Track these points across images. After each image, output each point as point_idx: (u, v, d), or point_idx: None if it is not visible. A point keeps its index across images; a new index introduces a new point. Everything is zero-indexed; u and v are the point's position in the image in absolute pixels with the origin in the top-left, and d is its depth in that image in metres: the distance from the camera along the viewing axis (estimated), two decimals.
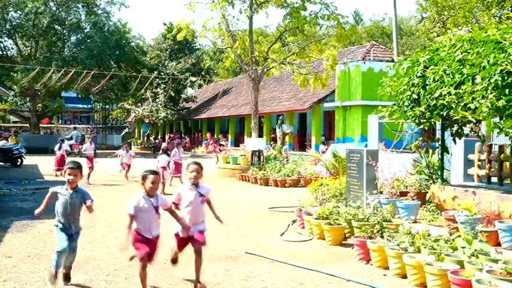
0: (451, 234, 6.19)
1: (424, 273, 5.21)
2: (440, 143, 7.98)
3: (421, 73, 7.24)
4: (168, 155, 14.93)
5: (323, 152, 23.73)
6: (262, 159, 18.73)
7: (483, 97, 5.83)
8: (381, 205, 7.91)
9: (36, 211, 5.26)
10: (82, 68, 35.91)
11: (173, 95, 43.63)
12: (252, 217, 9.83)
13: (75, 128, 54.63)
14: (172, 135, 44.11)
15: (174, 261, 5.42)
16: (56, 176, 18.29)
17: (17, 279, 5.60)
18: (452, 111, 6.64)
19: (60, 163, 17.92)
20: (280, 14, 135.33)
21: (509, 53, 5.70)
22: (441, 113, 6.92)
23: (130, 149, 17.68)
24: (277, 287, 5.40)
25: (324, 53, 22.72)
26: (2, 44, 38.61)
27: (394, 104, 7.97)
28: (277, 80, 37.81)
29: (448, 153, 8.33)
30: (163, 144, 16.64)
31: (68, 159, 14.32)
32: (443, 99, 6.66)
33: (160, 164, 14.49)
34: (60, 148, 18.59)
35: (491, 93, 5.70)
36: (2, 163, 22.27)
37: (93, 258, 6.52)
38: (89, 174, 15.59)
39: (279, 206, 11.09)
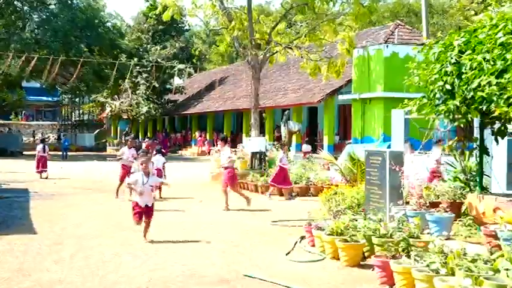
0: (491, 253, 6.18)
1: None
2: (478, 143, 7.97)
3: (455, 59, 7.24)
4: (163, 155, 15.47)
5: (306, 154, 23.71)
6: (263, 163, 18.73)
7: None
8: (407, 218, 7.91)
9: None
10: (47, 52, 35.95)
11: (157, 85, 43.68)
12: (251, 232, 9.83)
13: (39, 126, 54.74)
14: (155, 139, 44.03)
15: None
16: (41, 178, 19.51)
17: None
18: (493, 105, 6.64)
19: (43, 165, 20.05)
20: None
21: None
22: (480, 107, 6.91)
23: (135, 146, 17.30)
24: None
25: (339, 34, 22.72)
26: None
27: (423, 97, 7.96)
28: (282, 68, 37.78)
29: (488, 156, 8.33)
30: (144, 144, 16.77)
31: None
32: (483, 91, 6.66)
33: (155, 165, 14.95)
34: (44, 149, 20.46)
35: None
36: None
37: (59, 282, 6.53)
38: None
39: (284, 219, 11.08)
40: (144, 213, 8.82)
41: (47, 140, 29.81)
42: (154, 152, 16.09)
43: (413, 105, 8.12)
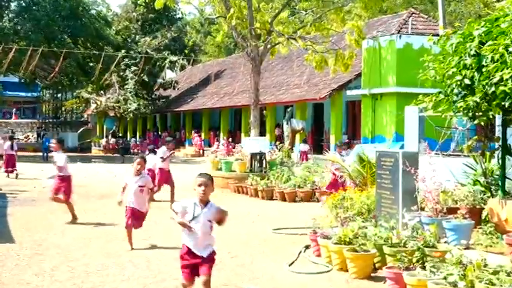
0: None
1: None
2: (500, 143, 7.97)
3: (475, 51, 7.24)
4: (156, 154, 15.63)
5: (302, 153, 23.62)
6: (264, 165, 18.72)
7: None
8: (422, 225, 7.90)
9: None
10: (26, 44, 35.94)
11: (147, 80, 43.73)
12: (251, 241, 9.83)
13: (17, 124, 54.70)
14: (144, 138, 44.07)
15: None
16: (8, 177, 19.72)
17: None
18: None
19: (12, 164, 20.49)
20: None
21: None
22: (502, 103, 6.91)
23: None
24: None
25: (347, 24, 22.72)
26: None
27: (440, 92, 7.95)
28: (284, 60, 37.77)
29: None
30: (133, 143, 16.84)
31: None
32: (505, 85, 6.65)
33: (148, 166, 15.07)
34: (12, 147, 20.70)
35: None
36: None
37: None
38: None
39: (287, 227, 11.08)
40: (134, 217, 8.91)
41: (16, 138, 29.95)
42: (147, 152, 16.21)
43: (429, 101, 8.11)
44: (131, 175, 9.23)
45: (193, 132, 42.28)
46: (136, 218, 9.02)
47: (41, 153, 35.03)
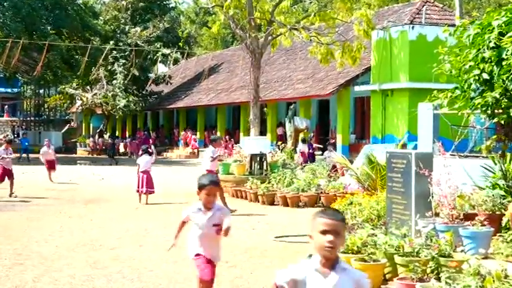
0: None
1: None
2: None
3: (494, 43, 7.24)
4: (150, 154, 15.84)
5: (302, 154, 23.46)
6: (265, 167, 18.71)
7: None
8: (437, 233, 7.90)
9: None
10: (5, 35, 35.92)
11: (137, 74, 43.67)
12: (250, 250, 9.83)
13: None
14: (133, 138, 44.02)
15: None
16: None
17: None
18: None
19: None
20: None
21: None
22: None
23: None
24: None
25: (355, 13, 22.71)
26: None
27: (456, 88, 7.97)
28: (287, 53, 37.77)
29: None
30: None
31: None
32: None
33: (141, 167, 15.45)
34: None
35: None
36: None
37: None
38: None
39: (290, 235, 11.08)
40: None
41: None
42: (140, 152, 16.22)
43: (444, 98, 8.12)
44: (195, 207, 6.60)
45: (184, 131, 42.26)
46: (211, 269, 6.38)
47: (24, 155, 34.99)
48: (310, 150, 25.17)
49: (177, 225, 6.60)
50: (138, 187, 15.94)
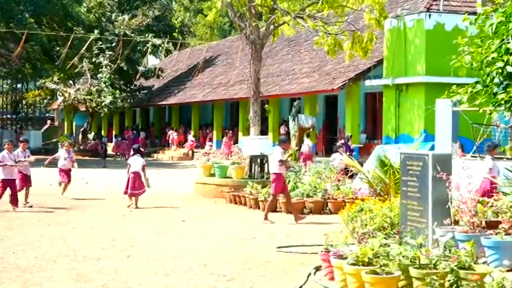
0: None
1: None
2: None
3: None
4: (142, 155, 16.09)
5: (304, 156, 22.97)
6: (266, 170, 18.70)
7: None
8: (456, 243, 7.90)
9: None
10: None
11: (125, 67, 43.67)
12: (250, 261, 9.83)
13: None
14: (123, 138, 44.00)
15: None
16: None
17: None
18: None
19: None
20: None
21: None
22: None
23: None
24: None
25: (366, 0, 22.70)
26: None
27: (477, 82, 7.95)
28: (290, 44, 37.78)
29: None
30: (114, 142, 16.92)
31: None
32: None
33: (132, 168, 15.67)
34: None
35: None
36: None
37: None
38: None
39: (294, 245, 11.07)
40: None
41: None
42: (132, 152, 16.29)
43: (464, 93, 8.10)
44: None
45: (172, 130, 42.27)
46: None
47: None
48: (347, 153, 24.76)
49: None
50: (127, 189, 16.13)
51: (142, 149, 16.64)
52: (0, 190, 15.19)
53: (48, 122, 54.99)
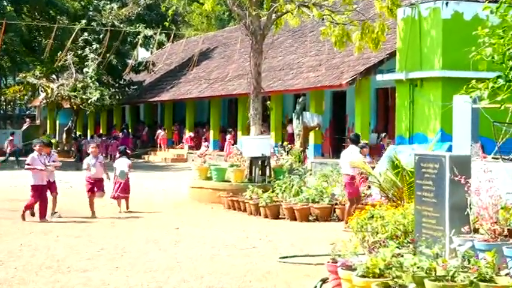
0: None
1: None
2: None
3: None
4: (129, 157, 16.22)
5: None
6: (268, 173, 18.69)
7: None
8: (476, 252, 7.90)
9: None
10: None
11: (113, 61, 43.66)
12: (250, 273, 9.84)
13: None
14: (114, 137, 44.02)
15: None
16: None
17: None
18: None
19: None
20: None
21: None
22: None
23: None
24: None
25: None
26: None
27: (499, 77, 7.95)
28: (294, 35, 37.75)
29: None
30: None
31: None
32: None
33: (118, 170, 15.76)
34: None
35: None
36: None
37: None
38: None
39: (298, 255, 11.07)
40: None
41: None
42: (118, 154, 16.33)
43: (485, 88, 8.10)
44: None
45: (161, 128, 42.30)
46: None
47: None
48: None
49: None
50: (115, 192, 16.19)
51: (128, 151, 16.64)
52: (34, 198, 14.99)
53: (28, 120, 54.88)
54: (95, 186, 16.00)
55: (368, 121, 28.34)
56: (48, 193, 15.27)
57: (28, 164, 15.08)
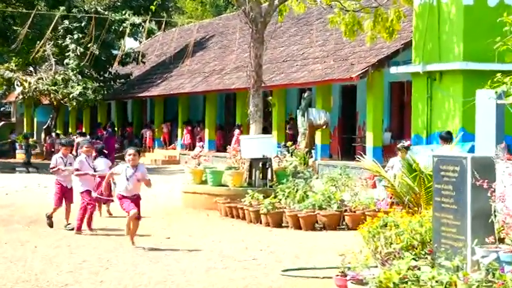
0: None
1: None
2: None
3: None
4: (107, 156, 16.37)
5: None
6: (270, 177, 18.70)
7: None
8: (502, 265, 7.90)
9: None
10: None
11: (97, 52, 43.65)
12: (250, 287, 9.84)
13: None
14: (98, 137, 44.04)
15: None
16: None
17: None
18: None
19: None
20: None
21: None
22: None
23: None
24: None
25: None
26: None
27: None
28: (298, 23, 37.79)
29: None
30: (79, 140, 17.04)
31: None
32: None
33: (100, 171, 15.50)
34: None
35: None
36: None
37: None
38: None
39: (302, 268, 11.07)
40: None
41: None
42: (94, 154, 16.26)
43: (511, 83, 8.11)
44: None
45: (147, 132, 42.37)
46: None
47: None
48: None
49: None
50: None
51: (105, 151, 16.65)
52: (92, 203, 14.96)
53: (5, 118, 55.00)
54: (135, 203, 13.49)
55: (381, 119, 28.33)
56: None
57: (77, 170, 14.85)
